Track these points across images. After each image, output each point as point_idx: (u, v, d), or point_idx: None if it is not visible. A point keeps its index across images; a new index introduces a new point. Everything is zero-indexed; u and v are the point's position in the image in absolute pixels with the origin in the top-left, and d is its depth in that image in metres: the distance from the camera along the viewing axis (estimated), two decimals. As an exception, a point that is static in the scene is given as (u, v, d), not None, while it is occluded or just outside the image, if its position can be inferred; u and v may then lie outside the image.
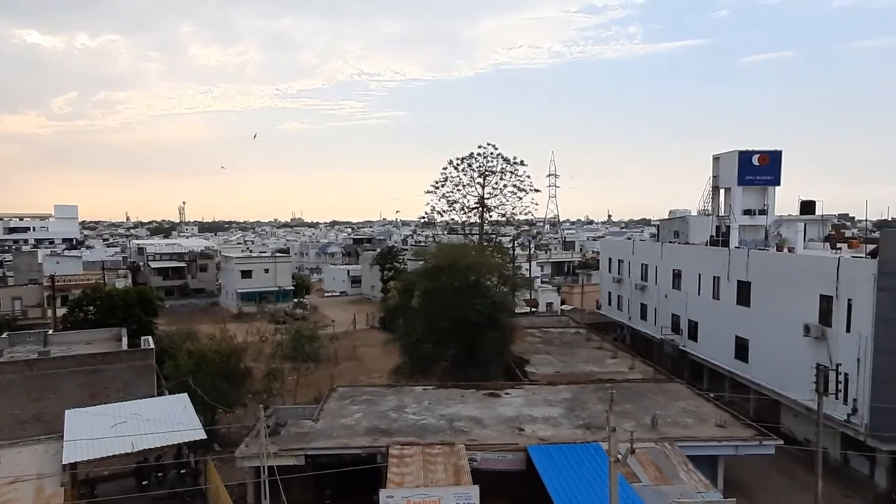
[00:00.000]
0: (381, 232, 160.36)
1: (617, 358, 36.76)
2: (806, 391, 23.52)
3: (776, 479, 24.93)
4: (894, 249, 23.41)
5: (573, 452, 20.38)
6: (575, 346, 40.12)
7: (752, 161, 37.44)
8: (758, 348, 31.87)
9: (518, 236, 58.65)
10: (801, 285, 28.20)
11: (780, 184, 38.39)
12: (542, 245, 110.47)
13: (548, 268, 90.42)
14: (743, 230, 37.63)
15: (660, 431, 22.67)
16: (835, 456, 26.25)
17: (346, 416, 24.87)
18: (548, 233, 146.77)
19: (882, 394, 23.44)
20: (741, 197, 38.15)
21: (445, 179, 48.57)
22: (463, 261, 33.27)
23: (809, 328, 27.04)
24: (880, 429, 23.50)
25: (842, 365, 24.81)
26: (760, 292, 31.75)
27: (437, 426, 23.71)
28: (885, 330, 23.48)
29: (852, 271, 25.29)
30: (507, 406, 26.23)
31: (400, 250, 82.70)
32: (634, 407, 25.53)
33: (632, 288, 48.33)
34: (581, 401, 26.65)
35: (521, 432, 22.92)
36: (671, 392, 28.44)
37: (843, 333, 25.48)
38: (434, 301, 32.12)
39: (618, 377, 31.51)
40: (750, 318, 32.49)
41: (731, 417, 24.54)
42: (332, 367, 42.75)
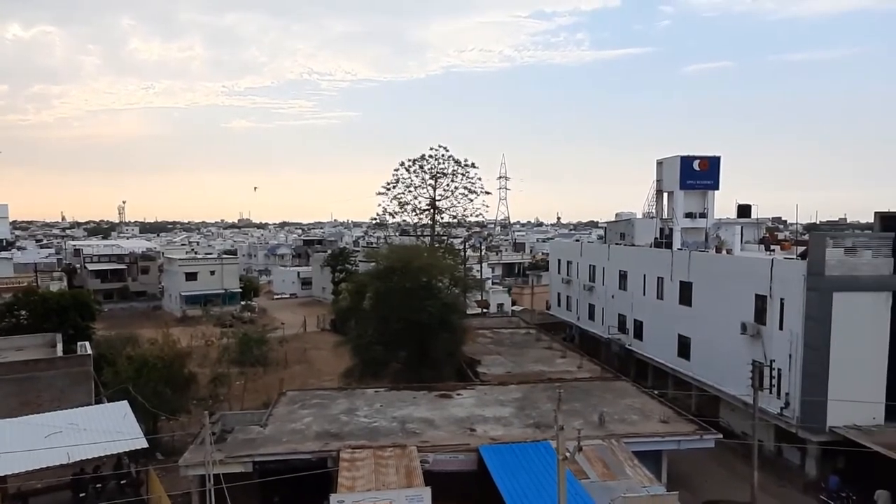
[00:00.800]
0: (332, 233, 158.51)
1: (566, 357, 37.49)
2: (743, 386, 24.62)
3: (716, 472, 25.95)
4: (822, 251, 24.76)
5: (524, 451, 20.67)
6: (525, 347, 40.70)
7: (693, 166, 38.91)
8: (699, 346, 33.12)
9: (469, 238, 58.99)
10: (738, 285, 29.47)
11: (719, 188, 40.04)
12: (492, 247, 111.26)
13: (499, 269, 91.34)
14: (685, 232, 39.05)
15: (607, 429, 23.26)
16: (769, 448, 27.53)
17: (296, 421, 24.45)
18: (499, 234, 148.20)
19: (811, 388, 24.76)
20: (683, 200, 39.57)
21: (397, 181, 48.52)
22: (415, 262, 33.26)
23: (746, 326, 28.28)
24: (810, 421, 24.83)
25: (775, 361, 26.12)
26: (701, 292, 33.02)
27: (388, 428, 23.61)
28: (813, 327, 24.81)
29: (784, 272, 26.62)
30: (458, 407, 26.36)
31: (351, 252, 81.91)
32: (583, 405, 26.11)
33: (580, 289, 49.40)
34: (531, 400, 27.06)
35: (472, 433, 23.08)
36: (618, 390, 29.22)
37: (777, 331, 26.78)
38: (386, 302, 31.97)
39: (567, 376, 32.14)
40: (691, 317, 33.73)
41: (674, 413, 25.42)
42: (282, 370, 41.92)
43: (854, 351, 24.47)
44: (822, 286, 24.55)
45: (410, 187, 48.46)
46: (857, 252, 24.90)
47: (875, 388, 24.62)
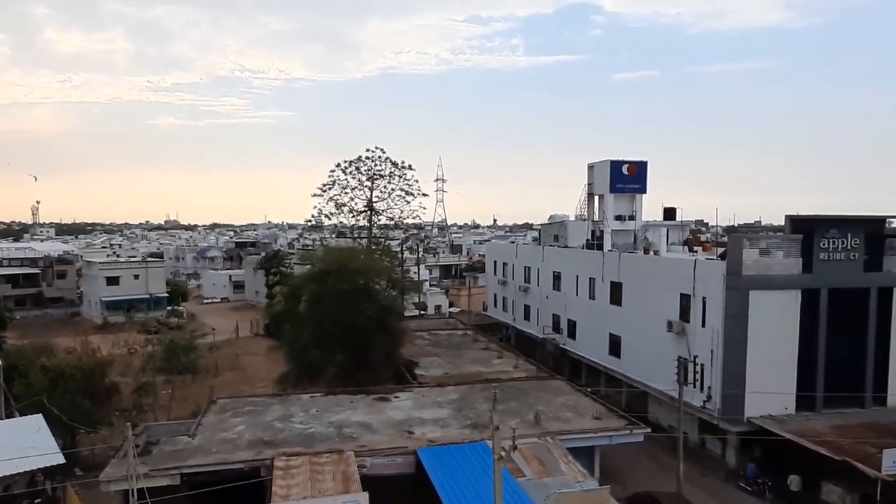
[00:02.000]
0: (266, 235, 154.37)
1: (502, 358, 38.00)
2: (669, 382, 25.75)
3: (645, 464, 26.97)
4: (739, 252, 26.26)
5: (461, 452, 20.80)
6: (462, 348, 40.98)
7: (622, 170, 40.32)
8: (629, 344, 34.37)
9: (406, 240, 58.96)
10: (664, 285, 30.80)
11: (647, 192, 41.65)
12: (430, 248, 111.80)
13: (436, 271, 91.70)
14: (615, 234, 40.42)
15: (542, 427, 23.74)
16: (694, 439, 28.90)
17: (227, 430, 23.62)
18: (436, 236, 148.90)
19: (730, 381, 26.20)
20: (613, 203, 40.92)
21: (333, 182, 47.81)
22: (351, 264, 32.87)
23: (672, 324, 29.59)
24: (729, 413, 26.25)
25: (698, 357, 27.44)
26: (630, 292, 34.28)
27: (325, 434, 23.19)
28: (732, 324, 26.26)
29: (705, 272, 28.04)
30: (396, 410, 26.23)
31: (286, 254, 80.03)
32: (519, 404, 26.55)
33: (516, 290, 50.23)
34: (469, 401, 27.26)
35: (410, 435, 23.01)
36: (553, 388, 29.89)
37: (700, 328, 28.17)
38: (322, 305, 31.42)
39: (503, 376, 32.57)
40: (622, 316, 34.96)
41: (606, 410, 26.25)
42: (212, 378, 40.48)
43: (768, 346, 26.08)
44: (740, 285, 26.02)
45: (347, 189, 47.89)
46: (771, 253, 26.55)
47: (787, 380, 26.32)
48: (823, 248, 26.53)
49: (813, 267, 26.46)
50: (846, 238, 26.67)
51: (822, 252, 26.52)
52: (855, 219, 27.39)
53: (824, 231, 26.57)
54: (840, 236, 26.64)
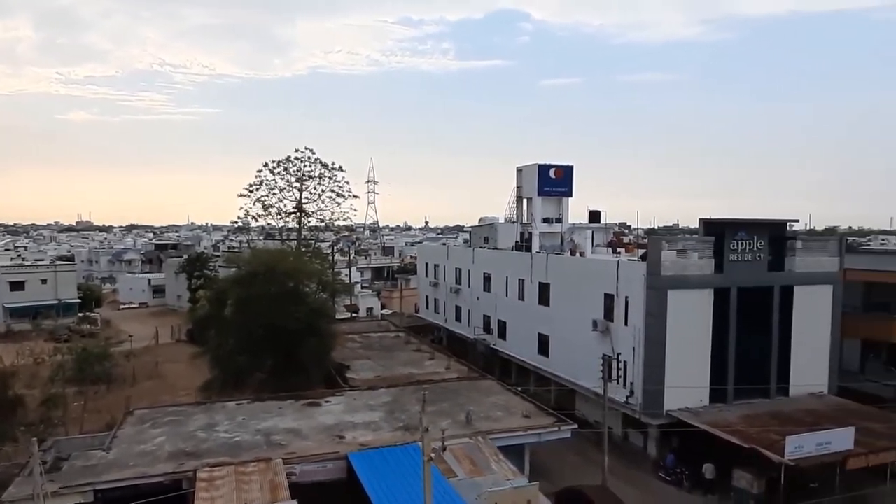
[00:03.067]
0: (188, 237, 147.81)
1: (434, 359, 38.18)
2: (595, 379, 26.70)
3: (573, 460, 27.82)
4: (658, 254, 27.59)
5: (393, 455, 20.73)
6: (395, 350, 40.88)
7: (549, 174, 41.46)
8: (557, 343, 35.36)
9: (337, 242, 58.10)
10: (589, 285, 31.89)
11: (573, 195, 43.03)
12: (361, 250, 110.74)
13: (368, 273, 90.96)
14: (543, 236, 41.48)
15: (474, 427, 24.02)
16: (618, 434, 30.07)
17: (146, 442, 22.47)
18: (368, 238, 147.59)
19: (651, 377, 27.47)
20: (541, 206, 41.99)
21: (261, 183, 46.55)
22: (280, 266, 32.09)
23: (597, 323, 30.69)
24: (650, 407, 27.51)
25: (621, 354, 28.62)
26: (558, 292, 35.29)
27: (252, 442, 22.50)
28: (652, 323, 27.54)
29: (628, 273, 29.27)
30: (327, 414, 25.82)
31: (210, 256, 77.01)
32: (451, 405, 26.76)
33: (447, 291, 50.60)
34: (401, 403, 27.21)
35: (341, 440, 22.72)
36: (484, 388, 30.32)
37: (623, 327, 29.36)
38: (249, 309, 30.49)
39: (435, 377, 32.74)
40: (550, 316, 35.92)
41: (535, 408, 26.88)
42: (129, 388, 38.36)
43: (685, 342, 27.54)
44: (659, 285, 27.34)
45: (275, 190, 46.75)
46: (687, 254, 28.05)
47: (702, 375, 27.90)
48: (733, 249, 28.30)
49: (724, 267, 28.17)
50: (753, 240, 28.57)
51: (732, 253, 28.29)
52: (760, 222, 29.37)
53: (734, 233, 28.35)
54: (747, 238, 28.51)
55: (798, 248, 29.89)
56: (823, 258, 30.38)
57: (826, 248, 31.04)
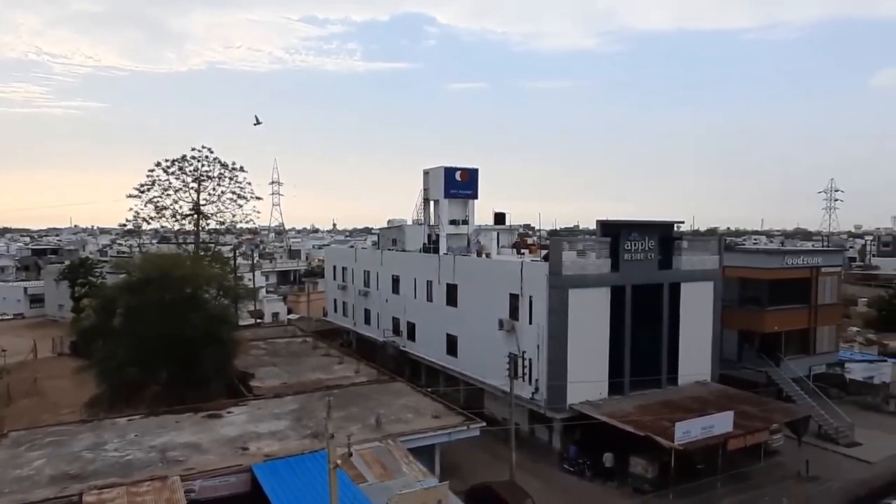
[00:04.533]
0: (71, 241, 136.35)
1: (343, 363, 37.62)
2: (502, 377, 27.40)
3: (483, 457, 28.37)
4: (559, 254, 28.79)
5: (300, 464, 20.20)
6: (302, 355, 39.86)
7: (455, 176, 42.05)
8: (465, 343, 35.93)
9: (240, 245, 55.81)
10: (495, 286, 32.70)
11: (478, 197, 43.87)
12: (266, 254, 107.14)
13: (273, 277, 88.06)
14: (450, 238, 41.99)
15: (384, 430, 23.92)
16: (525, 429, 31.03)
17: (22, 466, 20.46)
18: (272, 241, 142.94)
19: (555, 373, 28.60)
20: (448, 208, 42.49)
21: (153, 183, 43.65)
22: (176, 272, 30.33)
23: (503, 322, 31.51)
24: (554, 402, 28.64)
25: (526, 352, 29.56)
26: (465, 293, 35.89)
27: (145, 460, 21.10)
28: (555, 321, 28.70)
29: (531, 273, 30.31)
30: (229, 426, 24.72)
31: (97, 262, 71.37)
32: (361, 409, 26.48)
33: (356, 294, 50.04)
34: (309, 410, 26.57)
35: (245, 451, 21.82)
36: (394, 391, 30.25)
37: (527, 325, 30.35)
38: (141, 318, 28.53)
39: (344, 382, 32.26)
40: (458, 316, 36.45)
41: (445, 408, 27.17)
42: (3, 408, 34.81)
43: (585, 339, 28.92)
44: (561, 284, 28.53)
45: (169, 190, 44.00)
46: (586, 254, 29.47)
47: (601, 369, 29.41)
48: (627, 249, 30.07)
49: (619, 266, 29.86)
50: (644, 241, 30.50)
51: (626, 253, 30.05)
52: (651, 224, 31.42)
53: (628, 234, 30.12)
54: (640, 239, 30.39)
55: (684, 247, 32.28)
56: (705, 257, 32.99)
57: (708, 247, 33.76)
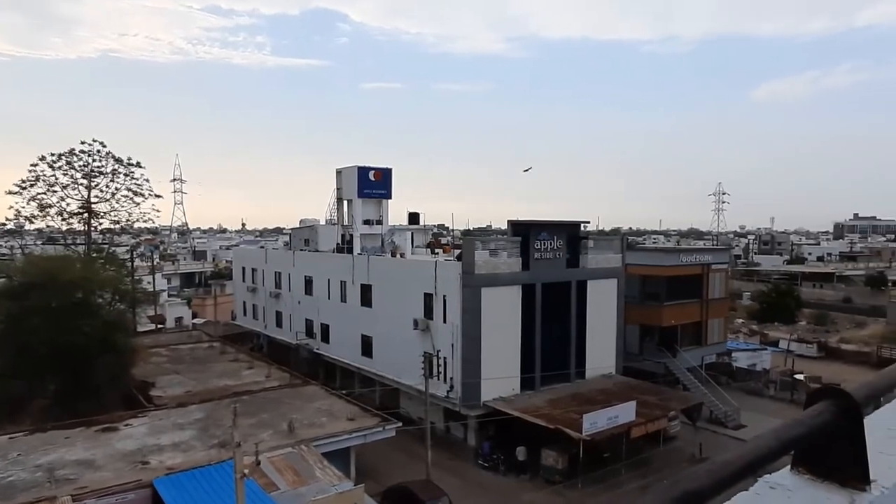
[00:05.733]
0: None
1: (254, 368, 36.30)
2: (417, 376, 27.48)
3: (399, 457, 28.30)
4: (472, 254, 29.28)
5: (206, 476, 19.26)
6: (208, 361, 38.05)
7: (368, 176, 41.73)
8: (380, 344, 35.71)
9: (138, 246, 52.44)
10: (410, 286, 32.75)
11: (392, 197, 43.80)
12: (168, 255, 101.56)
13: (176, 280, 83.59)
14: (364, 238, 41.64)
15: (297, 435, 23.29)
16: (440, 427, 31.29)
17: None
18: (175, 242, 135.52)
19: (469, 371, 29.05)
20: (361, 208, 42.11)
21: (37, 179, 40.07)
22: (64, 275, 28.02)
23: (417, 322, 31.61)
24: (469, 399, 29.09)
25: (441, 351, 29.82)
26: (380, 294, 35.66)
27: (30, 481, 19.34)
28: (468, 319, 29.15)
29: (445, 272, 30.61)
30: (127, 439, 23.16)
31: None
32: (272, 415, 25.66)
33: (267, 296, 48.43)
34: (216, 418, 25.39)
35: (145, 466, 20.53)
36: (307, 395, 29.54)
37: (442, 324, 30.62)
38: (24, 326, 26.16)
39: (255, 387, 31.13)
40: (373, 317, 36.16)
41: (360, 410, 26.87)
42: None
43: (498, 336, 29.58)
44: (474, 283, 29.01)
45: (55, 187, 40.50)
46: (498, 253, 30.14)
47: (513, 365, 30.18)
48: (537, 248, 31.05)
49: (530, 265, 30.78)
50: (553, 240, 31.63)
51: (536, 252, 31.03)
52: (558, 223, 32.63)
53: (537, 234, 31.11)
54: (549, 238, 31.48)
55: (590, 247, 33.79)
56: (610, 255, 34.71)
57: (612, 246, 35.55)
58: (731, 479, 0.98)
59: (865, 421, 1.67)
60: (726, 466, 0.99)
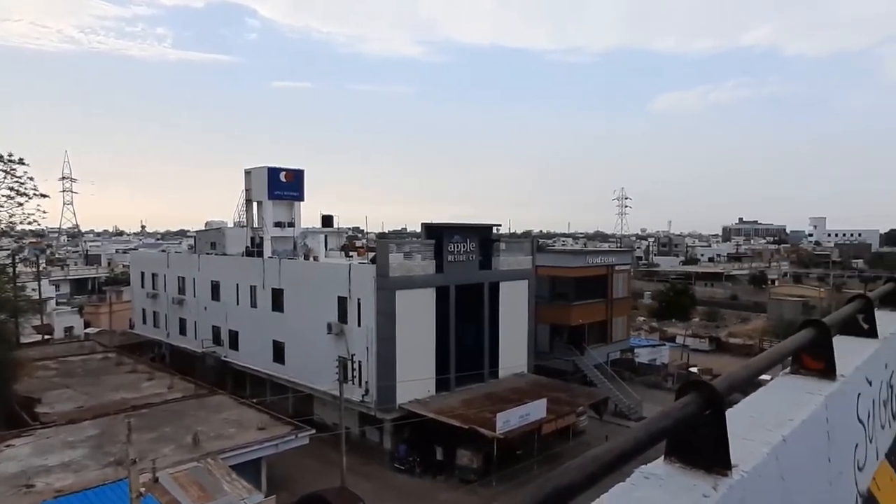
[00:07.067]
0: None
1: (154, 379, 34.28)
2: (332, 381, 27.02)
3: (312, 465, 27.64)
4: (386, 256, 29.23)
5: (100, 497, 17.97)
6: (103, 374, 35.53)
7: (279, 177, 40.61)
8: (293, 349, 34.78)
9: (20, 250, 48.07)
10: (323, 289, 32.17)
11: (305, 199, 42.85)
12: (56, 259, 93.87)
13: (66, 286, 77.49)
14: (275, 241, 40.46)
15: (202, 448, 22.24)
16: (355, 432, 30.91)
17: None
18: (65, 245, 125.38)
19: (384, 374, 28.93)
20: (272, 210, 40.89)
21: None
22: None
23: (331, 326, 31.10)
24: (384, 402, 28.96)
25: (356, 355, 29.53)
26: (292, 298, 34.76)
27: None
28: (383, 322, 29.05)
29: (359, 275, 30.35)
30: (8, 461, 21.18)
31: None
32: (175, 428, 24.37)
33: (169, 302, 45.88)
34: (111, 435, 23.72)
35: (30, 489, 18.87)
36: (214, 405, 28.27)
37: (356, 328, 30.31)
38: None
39: (156, 400, 29.40)
40: (285, 322, 35.17)
41: (271, 418, 26.06)
42: None
43: (413, 339, 29.66)
44: (388, 286, 28.94)
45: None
46: (412, 256, 30.25)
47: (429, 367, 30.37)
48: (450, 251, 31.45)
49: (444, 267, 31.12)
50: (466, 242, 32.16)
51: (450, 255, 31.42)
52: (471, 226, 33.25)
53: (450, 237, 31.52)
54: (462, 241, 31.98)
55: (502, 249, 34.63)
56: (521, 257, 35.73)
57: (523, 248, 36.62)
58: (602, 472, 1.06)
59: (735, 408, 1.84)
60: (596, 461, 1.06)
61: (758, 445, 1.54)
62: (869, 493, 2.40)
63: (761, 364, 1.78)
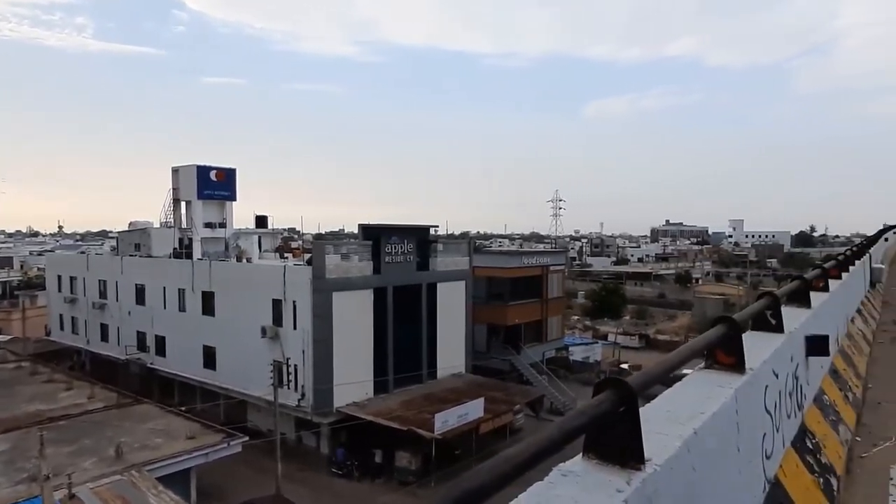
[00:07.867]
0: None
1: (73, 389, 32.28)
2: (266, 386, 26.33)
3: (245, 473, 26.84)
4: (322, 258, 28.78)
5: (14, 516, 16.79)
6: (16, 384, 33.18)
7: (210, 176, 39.17)
8: (224, 354, 33.63)
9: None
10: (257, 292, 31.29)
11: (237, 199, 41.51)
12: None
13: (-29, 291, 71.80)
14: (205, 242, 39.00)
15: (126, 460, 21.17)
16: (291, 438, 30.23)
17: None
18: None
19: (321, 377, 28.45)
20: (202, 210, 39.40)
21: None
22: None
23: (266, 329, 30.29)
24: (321, 406, 28.47)
25: (291, 358, 28.87)
26: (224, 301, 33.62)
27: None
28: (319, 324, 28.57)
29: (295, 277, 29.72)
30: None
31: None
32: (96, 440, 23.08)
33: (89, 307, 43.40)
34: (24, 449, 22.17)
35: (-70, 513, 17.39)
36: (139, 415, 26.97)
37: (292, 331, 29.65)
38: None
39: (74, 410, 27.71)
40: (216, 326, 33.96)
41: (201, 427, 25.08)
42: None
43: (350, 341, 29.32)
44: (325, 287, 28.50)
45: None
46: (350, 257, 29.91)
47: (366, 369, 30.12)
48: (388, 252, 31.31)
49: (381, 268, 30.94)
50: (404, 243, 32.11)
51: (387, 256, 31.28)
52: (408, 227, 33.22)
53: (388, 238, 31.38)
54: (399, 242, 31.90)
55: (439, 250, 34.79)
56: (458, 258, 36.01)
57: (460, 249, 36.92)
58: (515, 473, 1.07)
59: (652, 403, 1.92)
60: (509, 461, 1.07)
61: (671, 439, 1.60)
62: (776, 480, 2.56)
63: (675, 360, 1.86)
